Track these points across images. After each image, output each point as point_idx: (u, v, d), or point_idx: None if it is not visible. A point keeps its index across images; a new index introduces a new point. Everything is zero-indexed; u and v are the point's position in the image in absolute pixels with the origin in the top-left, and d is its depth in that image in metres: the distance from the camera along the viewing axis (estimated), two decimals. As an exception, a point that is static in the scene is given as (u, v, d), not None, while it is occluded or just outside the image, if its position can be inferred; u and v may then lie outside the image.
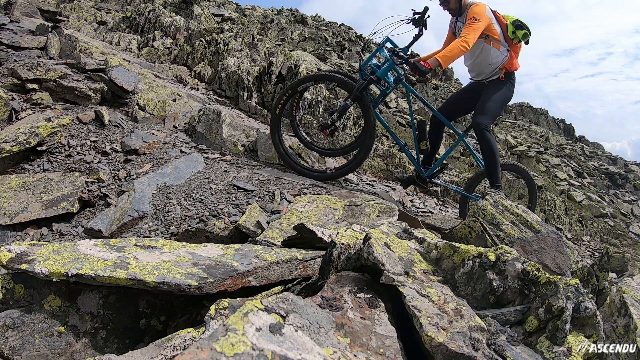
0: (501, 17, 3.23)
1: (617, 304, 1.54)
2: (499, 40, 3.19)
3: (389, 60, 3.18)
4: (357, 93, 3.17)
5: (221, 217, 2.72)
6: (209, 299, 1.29)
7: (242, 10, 16.11)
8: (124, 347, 1.30)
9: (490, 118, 3.18)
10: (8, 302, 1.24)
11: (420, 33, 3.22)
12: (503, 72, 3.23)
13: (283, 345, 0.76)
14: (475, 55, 3.28)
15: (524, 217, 2.30)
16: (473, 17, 3.03)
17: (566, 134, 21.06)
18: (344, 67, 11.48)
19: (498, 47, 3.19)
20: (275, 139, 3.53)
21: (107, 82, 4.28)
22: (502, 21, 3.22)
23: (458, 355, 0.89)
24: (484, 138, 3.13)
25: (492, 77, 3.27)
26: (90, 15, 9.27)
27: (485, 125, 3.12)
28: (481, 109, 3.18)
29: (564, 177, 12.27)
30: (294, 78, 5.99)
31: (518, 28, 3.17)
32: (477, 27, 3.01)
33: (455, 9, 3.25)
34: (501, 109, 3.35)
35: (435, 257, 1.34)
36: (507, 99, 3.33)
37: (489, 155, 3.17)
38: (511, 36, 3.20)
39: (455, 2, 3.22)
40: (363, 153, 3.36)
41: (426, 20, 3.19)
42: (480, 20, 3.02)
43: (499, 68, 3.23)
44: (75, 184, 3.13)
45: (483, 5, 3.13)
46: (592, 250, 6.30)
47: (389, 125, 3.59)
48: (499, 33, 3.18)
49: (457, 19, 3.30)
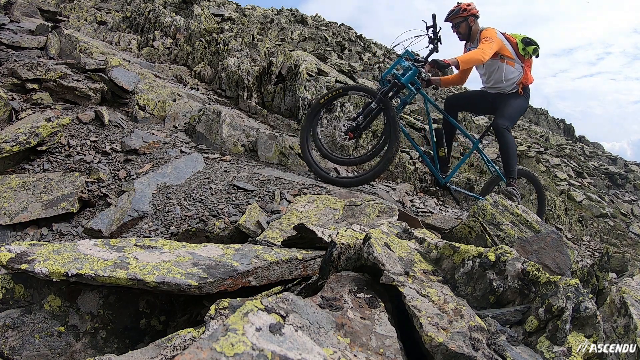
0: (510, 37, 3.41)
1: (617, 304, 1.54)
2: (513, 58, 3.37)
3: (412, 68, 3.27)
4: (380, 96, 3.22)
5: (221, 217, 2.71)
6: (209, 299, 1.29)
7: (242, 10, 16.11)
8: (124, 347, 1.30)
9: (510, 122, 3.34)
10: (8, 302, 1.24)
11: (435, 48, 3.35)
12: (521, 87, 3.40)
13: (283, 345, 0.76)
14: (493, 74, 3.45)
15: (524, 217, 2.30)
16: (486, 37, 3.23)
17: (566, 134, 21.06)
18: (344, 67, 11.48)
19: (512, 65, 3.37)
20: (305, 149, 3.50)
21: (107, 82, 4.28)
22: (511, 40, 3.40)
23: (458, 355, 0.89)
24: (504, 136, 3.29)
25: (511, 91, 3.44)
26: (90, 15, 9.27)
27: (507, 126, 3.29)
28: (502, 113, 3.35)
29: (564, 177, 12.27)
30: (294, 78, 5.99)
31: (527, 44, 3.36)
32: (492, 45, 3.19)
33: (465, 34, 3.44)
34: (518, 117, 3.52)
35: (435, 257, 1.34)
36: (524, 109, 3.51)
37: (507, 150, 3.32)
38: (522, 53, 3.38)
39: (466, 28, 3.41)
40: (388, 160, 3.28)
41: (440, 36, 3.34)
42: (493, 40, 3.21)
43: (517, 84, 3.40)
44: (75, 184, 3.13)
45: (493, 29, 3.33)
46: (592, 250, 6.30)
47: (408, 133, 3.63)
48: (511, 52, 3.37)
49: (470, 45, 3.48)
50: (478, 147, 3.62)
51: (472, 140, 3.66)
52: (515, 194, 3.20)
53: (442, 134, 3.60)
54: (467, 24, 3.39)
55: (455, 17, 3.40)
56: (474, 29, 3.40)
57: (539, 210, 3.89)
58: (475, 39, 3.41)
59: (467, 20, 3.37)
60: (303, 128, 3.54)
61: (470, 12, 3.36)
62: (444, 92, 15.29)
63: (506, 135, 3.29)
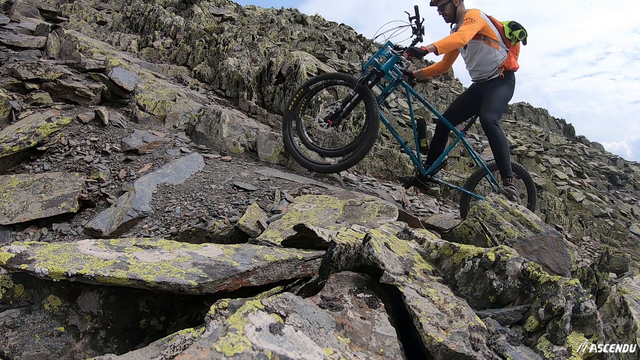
0: (497, 21, 3.36)
1: (617, 304, 1.54)
2: (497, 41, 3.31)
3: (392, 56, 3.29)
4: (359, 84, 3.25)
5: (221, 217, 2.72)
6: (209, 299, 1.29)
7: (242, 10, 16.11)
8: (124, 347, 1.30)
9: (496, 113, 3.24)
10: (8, 302, 1.24)
11: (418, 38, 3.35)
12: (502, 71, 3.32)
13: (283, 345, 0.76)
14: (475, 56, 3.38)
15: (524, 217, 2.31)
16: (469, 17, 3.18)
17: (566, 134, 21.05)
18: (344, 67, 11.48)
19: (497, 48, 3.31)
20: (286, 132, 3.63)
21: (107, 82, 4.28)
22: (498, 24, 3.35)
23: (458, 355, 0.89)
24: (493, 132, 3.19)
25: (492, 76, 3.36)
26: (90, 15, 9.27)
27: (494, 120, 3.19)
28: (486, 106, 3.26)
29: (564, 177, 12.27)
30: (294, 78, 5.99)
31: (514, 28, 3.30)
32: (473, 26, 3.13)
33: (450, 14, 3.39)
34: (504, 106, 3.43)
35: (435, 257, 1.34)
36: (508, 97, 3.41)
37: (499, 147, 3.22)
38: (509, 37, 3.32)
39: (451, 9, 3.35)
40: (367, 143, 3.33)
41: (423, 27, 3.34)
42: (475, 20, 3.15)
43: (499, 67, 3.32)
44: (75, 184, 3.13)
45: (477, 9, 3.27)
46: (592, 250, 6.30)
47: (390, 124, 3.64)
48: (496, 35, 3.31)
49: (456, 25, 3.42)
50: (462, 139, 3.57)
51: (456, 132, 3.59)
52: (514, 193, 3.18)
53: (424, 125, 3.57)
54: (452, 5, 3.34)
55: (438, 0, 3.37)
56: (459, 10, 3.34)
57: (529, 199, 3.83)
58: (460, 20, 3.35)
59: (452, 1, 3.33)
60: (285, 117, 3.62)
61: None
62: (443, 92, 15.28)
63: (495, 131, 3.17)
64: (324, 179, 3.64)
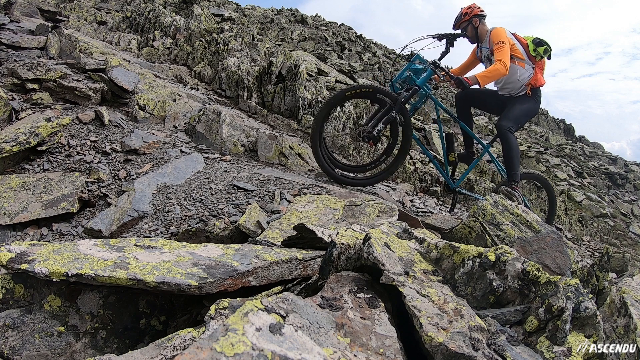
0: (521, 38, 3.41)
1: (617, 304, 1.54)
2: (523, 59, 3.35)
3: (428, 70, 3.29)
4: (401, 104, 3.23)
5: (221, 217, 2.71)
6: (209, 299, 1.29)
7: (242, 10, 16.11)
8: (124, 347, 1.30)
9: (514, 123, 3.32)
10: (8, 302, 1.24)
11: (447, 50, 3.38)
12: (529, 89, 3.38)
13: (283, 345, 0.76)
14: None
15: (524, 217, 2.30)
16: (499, 41, 3.21)
17: (566, 134, 21.05)
18: (344, 67, 11.47)
19: (523, 66, 3.35)
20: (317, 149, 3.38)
21: (107, 82, 4.28)
22: (522, 41, 3.39)
23: (458, 355, 0.89)
24: (506, 138, 3.28)
25: (519, 93, 3.42)
26: (90, 15, 9.27)
27: (510, 127, 3.28)
28: (506, 115, 3.35)
29: (564, 177, 12.27)
30: (294, 78, 5.99)
31: (538, 45, 3.34)
32: (506, 50, 3.19)
33: (472, 36, 3.45)
34: (525, 121, 3.50)
35: (435, 257, 1.34)
36: (532, 113, 3.48)
37: (509, 153, 3.31)
38: (533, 54, 3.36)
39: (472, 30, 3.42)
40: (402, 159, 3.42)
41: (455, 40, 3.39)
42: (505, 42, 3.20)
43: (525, 84, 3.38)
44: (75, 184, 3.13)
45: (502, 28, 3.31)
46: (592, 250, 6.30)
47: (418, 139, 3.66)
48: (522, 52, 3.35)
49: (480, 45, 3.48)
50: (489, 151, 3.64)
51: (482, 145, 3.68)
52: (515, 194, 3.20)
53: (452, 138, 3.62)
54: (472, 26, 3.39)
55: (460, 24, 3.42)
56: (480, 30, 3.40)
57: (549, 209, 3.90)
58: (484, 39, 3.40)
59: (471, 22, 3.38)
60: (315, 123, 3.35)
61: (473, 14, 3.37)
62: (444, 92, 15.27)
63: (509, 137, 3.27)
64: (324, 179, 3.64)
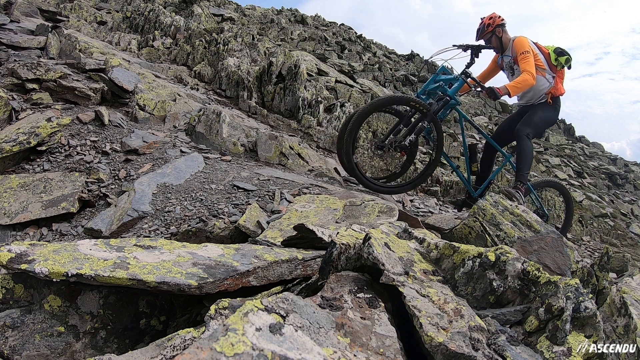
0: (542, 47, 3.44)
1: (617, 304, 1.54)
2: (544, 68, 3.38)
3: (459, 79, 3.30)
4: (433, 116, 3.23)
5: (221, 217, 2.71)
6: (209, 299, 1.29)
7: (242, 10, 16.11)
8: (124, 347, 1.30)
9: (533, 129, 3.35)
10: (8, 302, 1.24)
11: (472, 61, 3.39)
12: (550, 97, 3.41)
13: (283, 345, 0.76)
14: None
15: (524, 217, 2.30)
16: (524, 51, 3.25)
17: (566, 134, 21.04)
18: (344, 67, 11.47)
19: (544, 75, 3.38)
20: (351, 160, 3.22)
21: (107, 82, 4.28)
22: (544, 51, 3.42)
23: (458, 355, 0.89)
24: (521, 142, 3.32)
25: (540, 101, 3.45)
26: (90, 15, 9.27)
27: (527, 133, 3.31)
28: (526, 120, 3.39)
29: (564, 177, 12.28)
30: (294, 78, 5.99)
31: (560, 55, 3.38)
32: (532, 59, 3.23)
33: (497, 46, 3.47)
34: (544, 128, 3.53)
35: (435, 257, 1.34)
36: (552, 121, 3.52)
37: (522, 156, 3.34)
38: (554, 63, 3.39)
39: (496, 40, 3.45)
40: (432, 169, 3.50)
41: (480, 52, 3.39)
42: (529, 51, 3.25)
43: (546, 93, 3.41)
44: (75, 184, 3.13)
45: (525, 38, 3.34)
46: (592, 250, 6.30)
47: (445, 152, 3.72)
48: (543, 62, 3.38)
49: (503, 54, 3.50)
50: (510, 161, 3.67)
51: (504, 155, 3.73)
52: (517, 196, 3.21)
53: (475, 149, 3.68)
54: (496, 37, 3.42)
55: (483, 35, 3.45)
56: (504, 39, 3.42)
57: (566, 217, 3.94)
58: (507, 48, 3.43)
59: (495, 32, 3.41)
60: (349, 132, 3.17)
61: (495, 24, 3.39)
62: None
63: (525, 142, 3.31)
64: (324, 179, 3.64)
